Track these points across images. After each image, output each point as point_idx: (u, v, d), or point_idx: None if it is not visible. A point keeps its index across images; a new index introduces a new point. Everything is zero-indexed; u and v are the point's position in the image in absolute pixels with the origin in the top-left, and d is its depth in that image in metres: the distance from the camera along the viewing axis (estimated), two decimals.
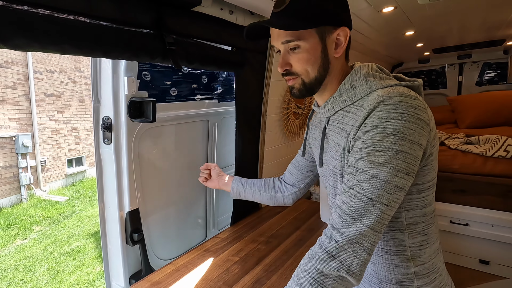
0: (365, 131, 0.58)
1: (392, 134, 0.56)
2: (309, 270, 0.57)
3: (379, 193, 0.56)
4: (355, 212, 0.56)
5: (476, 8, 1.76)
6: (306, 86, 0.68)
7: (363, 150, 0.58)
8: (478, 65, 3.54)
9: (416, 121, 0.56)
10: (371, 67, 0.68)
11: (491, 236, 1.93)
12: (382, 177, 0.55)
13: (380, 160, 0.56)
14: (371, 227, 0.55)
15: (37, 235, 4.48)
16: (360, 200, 0.56)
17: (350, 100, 0.67)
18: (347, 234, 0.56)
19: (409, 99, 0.57)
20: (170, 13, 1.11)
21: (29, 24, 0.74)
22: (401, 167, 0.56)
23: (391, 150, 0.55)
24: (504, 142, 2.03)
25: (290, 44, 0.65)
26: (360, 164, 0.58)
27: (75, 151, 7.19)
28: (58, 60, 6.68)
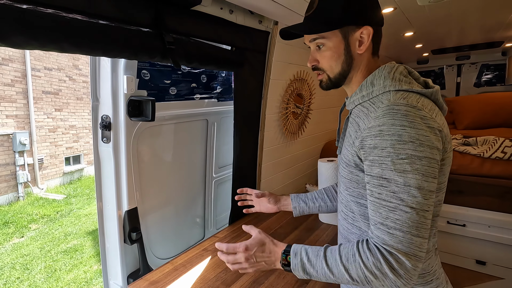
0: (383, 139, 0.60)
1: (410, 141, 0.58)
2: (359, 272, 0.61)
3: (418, 201, 0.57)
4: (403, 225, 0.57)
5: (475, 10, 1.76)
6: (331, 80, 0.75)
7: (386, 159, 0.59)
8: (477, 66, 3.56)
9: (427, 129, 0.59)
10: (396, 69, 0.71)
11: (487, 236, 1.94)
12: (414, 185, 0.57)
13: (408, 168, 0.58)
14: (421, 235, 0.57)
15: (34, 233, 4.46)
16: (404, 211, 0.57)
17: (368, 97, 0.71)
18: (402, 249, 0.57)
19: (416, 110, 0.60)
20: (170, 12, 1.11)
21: (28, 22, 0.73)
22: (428, 172, 0.58)
23: (414, 157, 0.57)
24: (501, 143, 2.04)
25: (316, 42, 0.73)
26: (389, 174, 0.59)
27: (72, 149, 7.17)
28: (56, 57, 6.65)
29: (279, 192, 2.14)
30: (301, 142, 2.33)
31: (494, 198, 1.94)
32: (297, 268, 0.69)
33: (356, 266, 0.60)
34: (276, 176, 2.07)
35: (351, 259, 0.62)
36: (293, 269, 0.69)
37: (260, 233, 0.79)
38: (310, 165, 2.59)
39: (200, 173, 1.77)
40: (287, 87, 1.94)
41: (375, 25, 0.71)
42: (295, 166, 2.33)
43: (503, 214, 1.91)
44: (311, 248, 0.69)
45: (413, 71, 0.74)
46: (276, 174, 2.07)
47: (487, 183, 1.96)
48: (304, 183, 2.49)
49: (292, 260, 0.69)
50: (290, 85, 1.97)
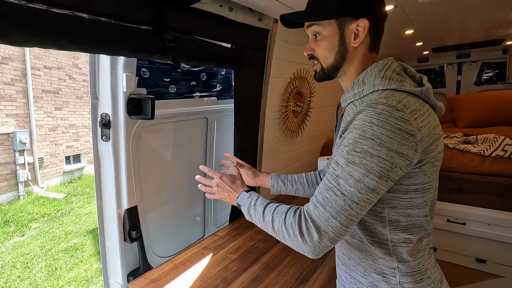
0: (350, 131, 0.63)
1: (370, 138, 0.59)
2: (277, 220, 0.70)
3: (351, 191, 0.60)
4: (327, 203, 0.62)
5: (475, 8, 1.76)
6: (324, 71, 0.76)
7: (345, 147, 0.63)
8: (477, 64, 3.55)
9: (396, 131, 0.58)
10: (388, 66, 0.70)
11: (488, 235, 1.94)
12: (355, 176, 0.60)
13: (356, 161, 0.60)
14: (339, 220, 0.61)
15: (35, 232, 4.47)
16: (335, 193, 0.62)
17: (359, 95, 0.71)
18: (317, 222, 0.63)
19: (393, 110, 0.59)
20: (169, 9, 1.10)
21: (27, 19, 0.73)
22: (374, 170, 0.59)
23: (367, 153, 0.59)
24: (502, 141, 2.04)
25: (311, 29, 0.74)
26: (341, 160, 0.63)
27: (73, 148, 7.17)
28: (56, 56, 6.64)
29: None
30: (301, 141, 2.33)
31: (494, 196, 1.94)
32: (244, 207, 0.82)
33: (279, 220, 0.69)
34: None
35: (280, 213, 0.70)
36: (242, 206, 0.83)
37: (237, 174, 0.97)
38: (310, 164, 2.59)
39: (200, 171, 1.77)
40: (287, 85, 1.94)
41: (374, 19, 0.70)
42: (295, 165, 2.33)
43: (504, 212, 1.90)
44: (262, 198, 0.80)
45: (408, 67, 0.73)
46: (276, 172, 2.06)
47: (488, 181, 1.96)
48: None
49: (243, 200, 0.83)
50: (290, 83, 1.96)
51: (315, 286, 1.11)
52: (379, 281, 0.72)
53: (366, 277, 0.73)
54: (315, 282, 1.13)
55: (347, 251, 0.78)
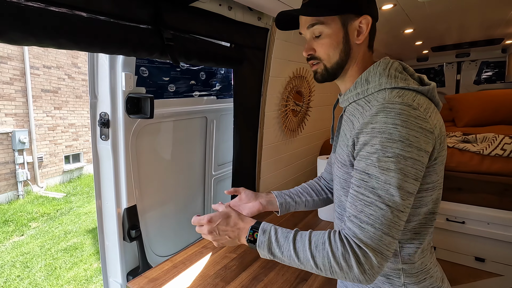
0: (373, 136, 0.59)
1: (399, 140, 0.57)
2: (325, 259, 0.60)
3: (395, 200, 0.57)
4: (376, 221, 0.57)
5: (475, 7, 1.76)
6: (328, 70, 0.72)
7: (373, 155, 0.59)
8: (476, 63, 3.55)
9: (419, 130, 0.58)
10: (390, 65, 0.70)
11: (486, 233, 1.95)
12: (394, 184, 0.57)
13: (391, 167, 0.57)
14: (391, 235, 0.57)
15: (34, 231, 4.47)
16: (379, 208, 0.57)
17: (362, 94, 0.69)
18: (372, 246, 0.57)
19: (411, 109, 0.59)
20: (168, 8, 1.10)
21: (26, 17, 0.73)
22: (410, 173, 0.57)
23: (400, 157, 0.57)
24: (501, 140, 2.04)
25: (313, 28, 0.70)
26: (372, 170, 0.58)
27: (72, 148, 7.16)
28: (55, 55, 6.63)
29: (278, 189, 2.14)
30: (300, 140, 2.33)
31: (494, 195, 1.94)
32: (263, 246, 0.67)
33: (323, 255, 0.59)
34: (275, 173, 2.07)
35: (320, 246, 0.60)
36: (259, 246, 0.67)
37: (227, 207, 0.78)
38: (309, 163, 2.59)
39: (199, 170, 1.77)
40: (286, 85, 1.94)
41: (373, 17, 0.71)
42: (294, 164, 2.33)
43: (503, 211, 1.91)
44: (281, 229, 0.68)
45: (407, 67, 0.72)
46: (275, 172, 2.07)
47: (487, 180, 1.96)
48: (303, 180, 2.48)
49: (259, 237, 0.67)
50: (290, 83, 1.96)
51: (314, 285, 1.11)
52: (383, 283, 0.71)
53: None
54: (314, 281, 1.13)
55: None
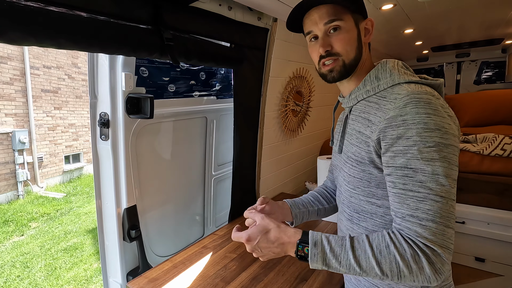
0: (407, 128, 0.58)
1: (436, 129, 0.56)
2: (390, 260, 0.57)
3: (447, 190, 0.56)
4: (435, 215, 0.55)
5: (475, 7, 1.76)
6: (346, 67, 0.71)
7: (412, 148, 0.57)
8: (476, 64, 3.55)
9: (447, 117, 0.59)
10: (396, 63, 0.72)
11: (487, 234, 1.94)
12: (442, 173, 0.55)
13: (435, 156, 0.56)
14: (451, 226, 0.55)
15: (34, 231, 4.47)
16: (435, 201, 0.55)
17: (373, 91, 0.70)
18: (437, 242, 0.55)
19: (435, 99, 0.60)
20: (168, 8, 1.10)
21: (25, 17, 0.73)
22: (452, 159, 0.57)
23: (441, 145, 0.56)
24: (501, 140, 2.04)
25: (332, 24, 0.69)
26: (415, 164, 0.57)
27: (72, 148, 7.16)
28: (55, 55, 6.63)
29: (278, 190, 2.14)
30: (300, 140, 2.33)
31: (494, 195, 1.94)
32: (316, 259, 0.61)
33: (390, 259, 0.56)
34: (275, 173, 2.07)
35: (385, 251, 0.57)
36: (312, 260, 0.61)
37: (263, 218, 0.69)
38: (309, 163, 2.59)
39: (199, 170, 1.77)
40: (286, 85, 1.94)
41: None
42: (294, 164, 2.33)
43: (503, 211, 1.91)
44: (333, 237, 0.63)
45: (408, 67, 0.74)
46: (275, 172, 2.07)
47: (487, 180, 1.96)
48: (303, 180, 2.49)
49: (311, 251, 0.61)
50: (290, 83, 1.96)
51: (314, 285, 1.11)
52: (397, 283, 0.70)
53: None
54: (314, 281, 1.13)
55: None
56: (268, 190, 1.99)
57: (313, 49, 0.74)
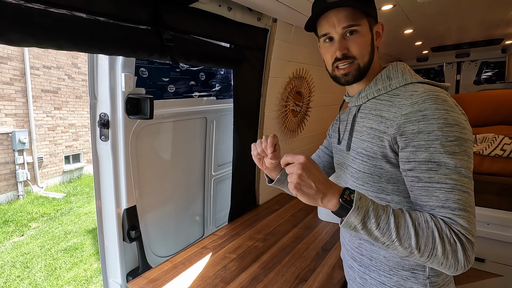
0: (429, 123, 0.60)
1: (455, 124, 0.59)
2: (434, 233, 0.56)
3: (468, 181, 0.58)
4: (465, 204, 0.57)
5: (474, 7, 1.76)
6: (360, 70, 0.73)
7: (435, 142, 0.59)
8: (476, 64, 3.55)
9: (462, 114, 0.62)
10: (406, 65, 0.76)
11: (486, 234, 1.94)
12: (464, 166, 0.58)
13: (456, 150, 0.58)
14: (474, 215, 0.58)
15: (34, 231, 4.47)
16: (462, 191, 0.57)
17: (385, 90, 0.72)
18: (469, 229, 0.56)
19: (449, 97, 0.63)
20: (168, 9, 1.10)
21: (25, 18, 0.73)
22: (470, 153, 0.60)
23: (461, 139, 0.59)
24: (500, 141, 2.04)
25: (351, 28, 0.70)
26: (439, 157, 0.58)
27: (72, 148, 7.16)
28: (55, 56, 6.63)
29: (278, 190, 2.14)
30: (300, 140, 2.33)
31: (493, 196, 1.94)
32: (357, 211, 0.57)
33: (428, 234, 0.55)
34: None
35: (424, 225, 0.56)
36: (353, 209, 0.57)
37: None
38: None
39: (199, 171, 1.77)
40: (286, 85, 1.94)
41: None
42: None
43: (502, 211, 1.91)
44: (374, 201, 0.60)
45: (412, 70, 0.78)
46: None
47: (486, 180, 1.96)
48: None
49: (356, 201, 0.57)
50: (289, 83, 1.96)
51: (314, 285, 1.11)
52: (406, 278, 0.71)
53: (391, 276, 0.73)
54: (314, 282, 1.13)
55: (368, 252, 0.77)
56: (267, 191, 1.99)
57: (328, 50, 0.74)
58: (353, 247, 0.82)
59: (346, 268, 0.89)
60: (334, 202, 0.59)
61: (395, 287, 0.72)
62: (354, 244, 0.81)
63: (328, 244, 1.41)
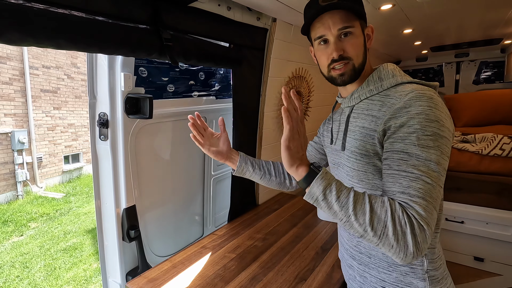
0: (410, 118, 0.63)
1: (435, 120, 0.61)
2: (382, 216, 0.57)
3: (436, 175, 0.59)
4: (426, 194, 0.57)
5: (474, 7, 1.76)
6: (355, 70, 0.75)
7: (412, 135, 0.61)
8: (475, 63, 3.56)
9: (446, 113, 0.65)
10: (395, 66, 0.79)
11: (485, 233, 1.95)
12: (434, 160, 0.59)
13: (430, 144, 0.60)
14: (436, 209, 0.59)
15: (34, 231, 4.46)
16: (425, 182, 0.58)
17: (376, 90, 0.75)
18: (425, 217, 0.56)
19: (437, 96, 0.66)
20: (167, 8, 1.10)
21: (23, 18, 0.73)
22: (445, 150, 0.62)
23: (437, 135, 0.61)
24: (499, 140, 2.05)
25: (346, 30, 0.72)
26: (412, 149, 0.61)
27: (71, 148, 7.15)
28: (55, 55, 6.62)
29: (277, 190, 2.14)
30: None
31: (492, 195, 1.95)
32: (321, 181, 0.61)
33: (382, 212, 0.57)
34: None
35: (380, 204, 0.58)
36: (317, 180, 0.61)
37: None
38: None
39: (198, 170, 1.77)
40: (285, 85, 1.94)
41: None
42: None
43: (501, 211, 1.91)
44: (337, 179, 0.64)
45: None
46: None
47: (485, 180, 1.96)
48: None
49: (322, 174, 0.62)
50: (289, 83, 1.96)
51: (313, 285, 1.11)
52: (405, 274, 0.72)
53: (391, 273, 0.74)
54: (313, 281, 1.13)
55: (366, 249, 0.78)
56: (267, 191, 1.99)
57: (323, 52, 0.76)
58: (351, 245, 0.83)
59: (345, 268, 0.89)
60: (305, 169, 0.64)
61: (395, 283, 0.73)
62: (352, 243, 0.82)
63: (328, 243, 1.41)
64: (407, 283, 0.72)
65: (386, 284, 0.74)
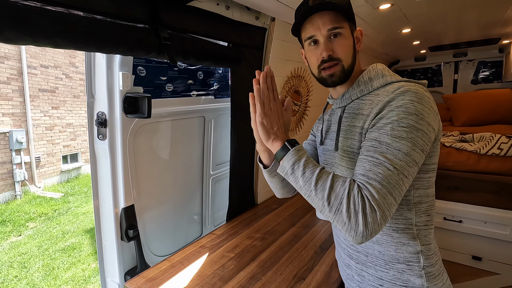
0: (390, 110, 0.65)
1: (414, 114, 0.62)
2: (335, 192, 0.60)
3: (402, 164, 0.60)
4: (383, 179, 0.59)
5: (472, 7, 1.76)
6: (345, 71, 0.75)
7: (387, 125, 0.63)
8: (474, 63, 3.57)
9: (431, 108, 0.65)
10: (384, 66, 0.79)
11: (483, 232, 1.96)
12: (403, 150, 0.61)
13: (403, 135, 0.61)
14: (394, 196, 0.59)
15: (32, 231, 4.45)
16: (387, 168, 0.60)
17: (367, 90, 0.76)
18: (378, 200, 0.57)
19: (424, 92, 0.67)
20: (166, 7, 1.10)
21: (21, 16, 0.72)
22: (419, 143, 0.62)
23: (412, 128, 0.62)
24: (498, 140, 2.05)
25: (335, 30, 0.73)
26: (384, 138, 0.62)
27: (70, 147, 7.14)
28: (53, 55, 6.60)
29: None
30: (299, 139, 2.31)
31: (490, 194, 1.95)
32: (291, 156, 0.66)
33: (340, 190, 0.60)
34: None
35: (340, 183, 0.61)
36: (290, 152, 0.67)
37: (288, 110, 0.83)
38: None
39: (197, 170, 1.77)
40: (284, 84, 1.94)
41: None
42: None
43: (499, 210, 1.92)
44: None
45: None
46: None
47: (484, 179, 1.97)
48: None
49: (295, 150, 0.67)
50: (288, 82, 1.96)
51: (312, 284, 1.12)
52: (402, 271, 0.73)
53: (388, 271, 0.74)
54: (312, 280, 1.14)
55: (363, 248, 0.79)
56: (265, 190, 1.99)
57: (313, 53, 0.76)
58: (348, 245, 0.83)
59: (343, 267, 0.89)
60: (279, 144, 0.70)
61: (392, 281, 0.74)
62: (349, 242, 0.82)
63: (326, 242, 1.42)
64: (405, 280, 0.72)
65: (384, 282, 0.75)
